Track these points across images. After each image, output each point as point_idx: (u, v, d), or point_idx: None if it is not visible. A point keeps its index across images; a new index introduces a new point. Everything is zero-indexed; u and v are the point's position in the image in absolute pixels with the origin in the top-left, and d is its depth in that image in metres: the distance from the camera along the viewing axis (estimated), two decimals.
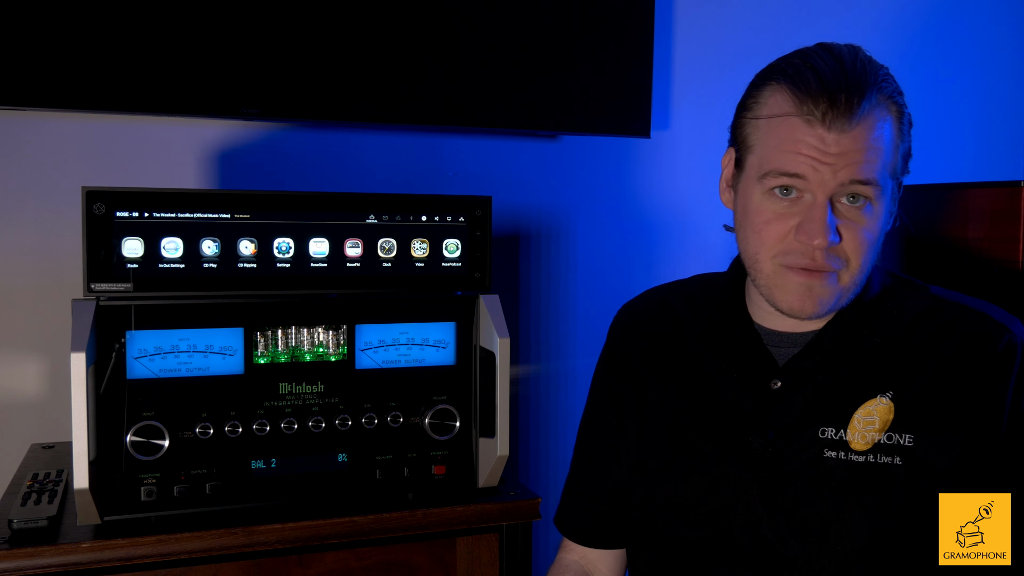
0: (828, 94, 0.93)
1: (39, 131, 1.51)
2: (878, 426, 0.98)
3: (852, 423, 0.99)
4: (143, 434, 1.11)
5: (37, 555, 1.04)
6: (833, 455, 0.99)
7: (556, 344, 1.86)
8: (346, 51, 1.54)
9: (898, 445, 0.98)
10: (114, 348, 1.10)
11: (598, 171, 1.86)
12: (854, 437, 0.99)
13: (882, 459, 0.98)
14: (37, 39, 1.38)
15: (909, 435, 0.98)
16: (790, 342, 1.06)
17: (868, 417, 0.99)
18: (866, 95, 0.94)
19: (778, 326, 1.07)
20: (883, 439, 0.98)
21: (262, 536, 1.13)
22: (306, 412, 1.18)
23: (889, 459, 0.97)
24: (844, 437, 0.99)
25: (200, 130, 1.59)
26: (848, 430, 0.99)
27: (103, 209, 1.10)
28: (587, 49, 1.69)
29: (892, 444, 0.98)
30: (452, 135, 1.74)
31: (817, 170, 0.94)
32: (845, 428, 0.99)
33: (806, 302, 0.98)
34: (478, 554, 1.25)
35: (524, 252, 1.82)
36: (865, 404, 1.00)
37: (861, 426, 0.99)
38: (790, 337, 1.06)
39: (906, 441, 0.98)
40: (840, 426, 1.00)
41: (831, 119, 0.93)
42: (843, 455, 0.99)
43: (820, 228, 0.95)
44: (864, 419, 0.99)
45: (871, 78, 0.95)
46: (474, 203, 1.26)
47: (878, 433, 0.98)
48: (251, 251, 1.16)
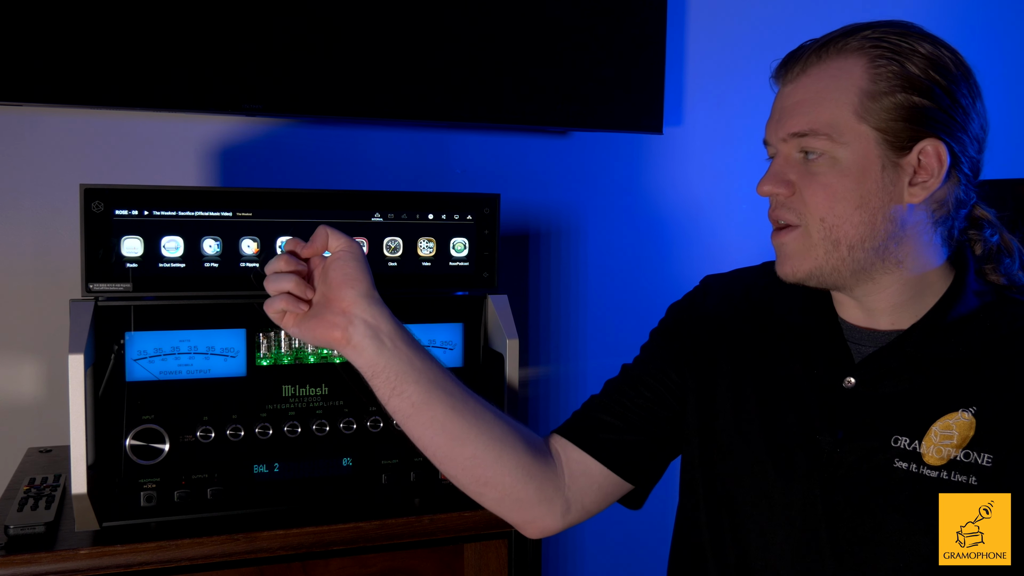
0: (788, 55, 0.99)
1: (36, 127, 1.51)
2: (956, 441, 0.93)
3: (928, 435, 0.94)
4: (143, 438, 1.10)
5: (34, 562, 1.04)
6: (904, 466, 0.94)
7: (566, 345, 1.85)
8: (350, 45, 1.53)
9: (975, 464, 0.93)
10: (113, 350, 1.09)
11: (609, 168, 1.84)
12: (929, 450, 0.94)
13: (956, 477, 0.93)
14: (34, 33, 1.37)
15: (988, 455, 0.92)
16: (872, 340, 1.01)
17: (947, 431, 0.94)
18: (816, 48, 0.96)
19: (861, 322, 1.02)
20: (960, 456, 0.93)
21: (265, 542, 1.12)
22: (310, 415, 1.17)
23: (964, 478, 0.93)
24: (918, 449, 0.94)
25: (201, 126, 1.58)
26: (923, 442, 0.94)
27: (102, 207, 1.09)
28: (598, 43, 1.68)
29: (969, 462, 0.93)
30: (459, 131, 1.73)
31: (772, 127, 1.00)
32: (920, 439, 0.94)
33: (781, 262, 1.00)
34: (486, 561, 1.24)
35: (533, 251, 1.81)
36: (944, 417, 0.94)
37: (938, 439, 0.94)
38: (872, 335, 1.01)
39: (984, 461, 0.92)
40: (915, 436, 0.95)
41: (782, 75, 0.99)
42: (915, 468, 0.94)
43: (765, 177, 0.99)
44: (942, 432, 0.94)
45: (835, 33, 0.97)
46: (482, 201, 1.25)
47: (955, 449, 0.93)
48: (253, 250, 1.16)
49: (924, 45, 0.94)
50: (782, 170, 0.98)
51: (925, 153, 0.94)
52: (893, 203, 0.95)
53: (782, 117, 0.98)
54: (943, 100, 0.94)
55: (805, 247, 0.97)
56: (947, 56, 0.95)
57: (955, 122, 0.95)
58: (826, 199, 0.95)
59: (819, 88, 0.95)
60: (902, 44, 0.94)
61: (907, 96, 0.93)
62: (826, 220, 0.95)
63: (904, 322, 0.99)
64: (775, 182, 0.98)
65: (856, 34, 0.96)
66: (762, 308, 1.09)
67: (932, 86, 0.93)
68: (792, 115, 0.97)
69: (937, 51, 0.95)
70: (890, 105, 0.93)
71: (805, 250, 0.97)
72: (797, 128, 0.96)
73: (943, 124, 0.94)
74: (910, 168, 0.94)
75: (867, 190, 0.94)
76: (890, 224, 0.95)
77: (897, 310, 0.99)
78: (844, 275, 0.97)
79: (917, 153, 0.94)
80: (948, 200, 0.97)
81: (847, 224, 0.95)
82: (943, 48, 0.95)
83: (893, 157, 0.94)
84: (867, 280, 0.98)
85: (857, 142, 0.94)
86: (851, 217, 0.95)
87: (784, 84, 0.99)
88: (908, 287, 0.98)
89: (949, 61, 0.95)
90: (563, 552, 1.84)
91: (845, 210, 0.95)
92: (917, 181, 0.95)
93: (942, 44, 0.96)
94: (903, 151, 0.94)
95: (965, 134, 0.96)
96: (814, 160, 0.96)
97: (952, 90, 0.94)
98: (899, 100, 0.93)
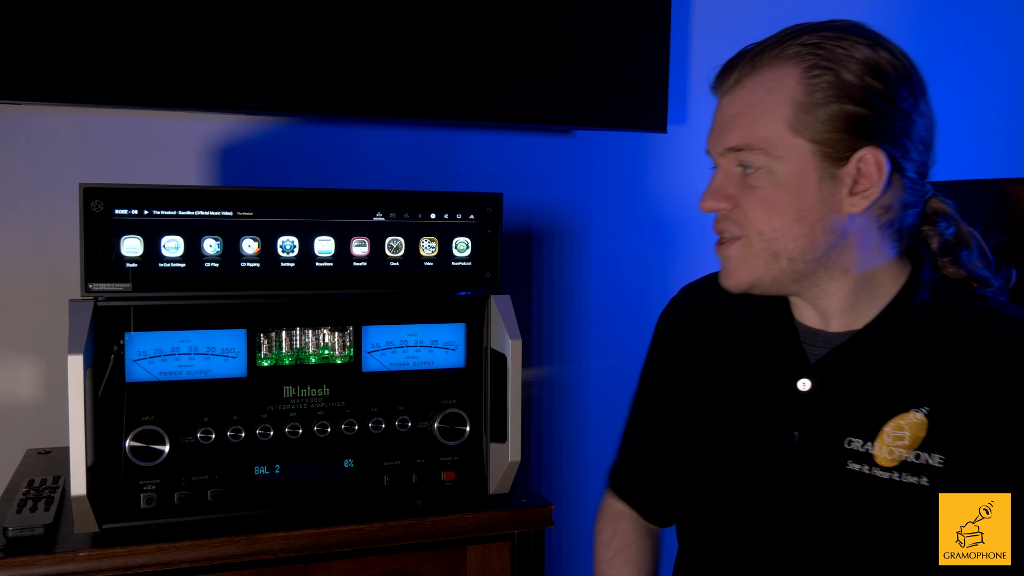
0: (725, 63, 0.99)
1: (35, 126, 1.50)
2: (908, 442, 0.93)
3: (881, 436, 0.94)
4: (142, 439, 1.09)
5: (33, 564, 1.03)
6: (857, 468, 0.95)
7: (570, 346, 1.84)
8: (352, 43, 1.52)
9: (926, 465, 0.93)
10: (112, 350, 1.09)
11: (613, 167, 1.84)
12: (881, 451, 0.94)
13: (907, 479, 0.93)
14: (32, 30, 1.37)
15: (940, 456, 0.92)
16: (826, 342, 1.01)
17: (899, 431, 0.94)
18: (751, 56, 0.96)
19: (816, 323, 1.02)
20: (911, 457, 0.93)
21: (265, 545, 1.12)
22: (311, 416, 1.17)
23: (915, 479, 0.93)
24: (871, 451, 0.95)
25: (201, 124, 1.58)
26: (876, 443, 0.95)
27: (101, 206, 1.09)
28: (601, 41, 1.67)
29: (920, 463, 0.93)
30: (462, 130, 1.73)
31: (711, 140, 1.00)
32: (873, 440, 0.95)
33: (724, 274, 1.01)
34: (489, 563, 1.23)
35: (536, 251, 1.81)
36: (897, 417, 0.94)
37: (890, 440, 0.94)
38: (826, 337, 1.01)
39: (936, 462, 0.92)
40: (868, 438, 0.95)
41: (719, 88, 0.99)
42: (867, 469, 0.95)
43: (706, 192, 0.99)
44: (894, 433, 0.94)
45: (769, 41, 0.96)
46: (485, 200, 1.24)
47: (907, 450, 0.93)
48: (254, 250, 1.15)
49: (861, 49, 0.92)
50: (722, 184, 0.98)
51: (864, 162, 0.93)
52: (832, 214, 0.94)
53: (720, 130, 0.98)
54: (881, 107, 0.92)
55: (746, 258, 0.98)
56: (885, 59, 0.93)
57: (895, 127, 0.93)
58: (764, 213, 0.95)
59: (754, 101, 0.95)
60: (837, 50, 0.93)
61: (842, 106, 0.92)
62: (765, 233, 0.95)
63: (857, 323, 0.99)
64: (716, 197, 0.98)
65: (793, 40, 0.95)
66: (725, 312, 1.10)
67: (868, 93, 0.92)
68: (729, 129, 0.97)
69: (875, 54, 0.93)
70: (825, 116, 0.92)
71: (746, 261, 0.98)
72: (733, 143, 0.96)
73: (881, 131, 0.93)
74: (849, 178, 0.94)
75: (805, 203, 0.94)
76: (830, 235, 0.95)
77: (849, 312, 0.99)
78: (787, 284, 0.98)
79: (856, 162, 0.93)
80: (894, 204, 0.96)
81: (786, 237, 0.95)
82: (882, 50, 0.93)
83: (831, 169, 0.93)
84: (813, 286, 0.98)
85: (793, 156, 0.93)
86: (790, 230, 0.95)
87: (722, 95, 0.99)
88: (857, 290, 0.98)
89: (887, 64, 0.93)
90: (566, 554, 1.84)
91: (783, 223, 0.95)
92: (857, 190, 0.94)
93: (882, 45, 0.94)
94: (841, 161, 0.93)
95: (907, 138, 0.94)
96: (752, 174, 0.96)
97: (891, 95, 0.93)
98: (834, 111, 0.92)
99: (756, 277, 0.98)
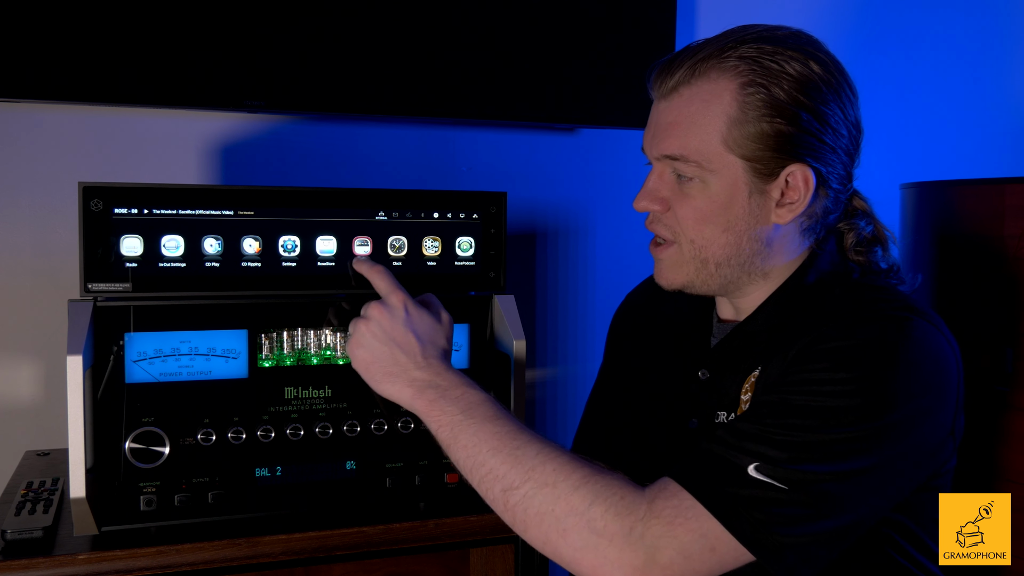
0: (662, 65, 1.01)
1: (34, 124, 1.50)
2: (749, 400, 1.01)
3: (740, 405, 1.01)
4: (142, 441, 1.09)
5: (32, 567, 1.03)
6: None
7: (574, 346, 1.84)
8: (354, 41, 1.52)
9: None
10: (112, 351, 1.08)
11: (618, 166, 1.84)
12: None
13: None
14: (31, 29, 1.36)
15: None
16: (723, 333, 1.08)
17: (746, 395, 1.01)
18: (691, 63, 0.98)
19: (731, 317, 1.10)
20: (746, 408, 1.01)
21: (267, 547, 1.11)
22: (313, 418, 1.16)
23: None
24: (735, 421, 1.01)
25: (201, 123, 1.58)
26: (737, 412, 1.01)
27: (100, 205, 1.08)
28: (606, 39, 1.67)
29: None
30: (466, 128, 1.72)
31: (647, 141, 1.04)
32: (735, 412, 1.01)
33: (658, 273, 1.07)
34: (492, 566, 1.23)
35: (540, 250, 1.81)
36: (745, 383, 1.02)
37: (744, 405, 1.00)
38: (724, 327, 1.09)
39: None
40: (732, 409, 1.02)
41: (656, 89, 1.02)
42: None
43: (641, 192, 1.04)
44: (744, 397, 1.01)
45: (710, 47, 0.98)
46: (488, 199, 1.24)
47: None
48: (255, 249, 1.14)
49: (794, 65, 0.96)
50: (656, 187, 1.03)
51: (793, 177, 0.98)
52: (759, 224, 1.00)
53: (656, 135, 1.02)
54: (811, 124, 0.96)
55: (678, 262, 1.04)
56: (817, 74, 0.96)
57: (823, 144, 0.98)
58: (696, 221, 1.00)
59: (691, 112, 0.98)
60: (772, 66, 0.96)
61: (772, 124, 0.96)
62: (695, 241, 1.01)
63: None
64: (650, 199, 1.03)
65: (733, 51, 0.97)
66: (659, 306, 1.19)
67: (798, 111, 0.96)
68: (666, 136, 1.00)
69: (807, 69, 0.96)
70: (756, 134, 0.96)
71: (678, 265, 1.04)
72: (670, 151, 1.00)
73: (809, 148, 0.97)
74: (777, 191, 0.99)
75: (734, 215, 0.99)
76: (756, 243, 1.01)
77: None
78: (714, 287, 1.04)
79: (784, 177, 0.98)
80: (816, 212, 1.02)
81: (714, 245, 1.01)
82: (814, 64, 0.97)
83: (760, 184, 0.98)
84: (736, 289, 1.05)
85: (725, 170, 0.98)
86: (718, 239, 1.00)
87: (659, 99, 1.03)
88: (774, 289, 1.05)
89: (819, 79, 0.96)
90: None
91: (713, 233, 1.00)
92: (784, 203, 0.99)
93: (815, 57, 0.97)
94: (770, 177, 0.98)
95: (834, 153, 0.99)
96: (686, 183, 1.00)
97: (821, 111, 0.97)
98: (764, 129, 0.96)
99: (687, 280, 1.04)
